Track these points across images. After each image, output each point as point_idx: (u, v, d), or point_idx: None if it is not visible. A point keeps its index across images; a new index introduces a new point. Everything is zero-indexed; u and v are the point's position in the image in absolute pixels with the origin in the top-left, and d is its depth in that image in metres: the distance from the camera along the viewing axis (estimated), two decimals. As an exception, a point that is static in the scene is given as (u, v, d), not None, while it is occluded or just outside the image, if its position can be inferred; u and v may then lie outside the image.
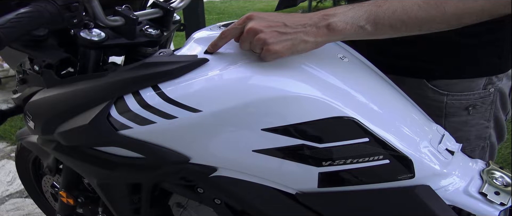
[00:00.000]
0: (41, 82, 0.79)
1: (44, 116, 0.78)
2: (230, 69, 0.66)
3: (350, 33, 0.63)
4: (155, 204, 0.91)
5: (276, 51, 0.63)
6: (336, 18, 0.63)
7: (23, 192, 1.98)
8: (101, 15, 0.71)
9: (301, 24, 0.64)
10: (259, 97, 0.63)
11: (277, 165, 0.66)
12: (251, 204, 0.73)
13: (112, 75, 0.72)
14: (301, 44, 0.64)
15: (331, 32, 0.63)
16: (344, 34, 0.63)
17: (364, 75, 0.74)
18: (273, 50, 0.63)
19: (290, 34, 0.63)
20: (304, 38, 0.63)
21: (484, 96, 0.85)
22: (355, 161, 0.64)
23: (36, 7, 0.63)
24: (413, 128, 0.69)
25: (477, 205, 0.64)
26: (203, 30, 0.78)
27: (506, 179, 0.68)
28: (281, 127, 0.63)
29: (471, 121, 0.87)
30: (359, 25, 0.63)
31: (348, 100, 0.65)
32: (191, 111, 0.65)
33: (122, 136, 0.70)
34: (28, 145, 1.25)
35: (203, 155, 0.70)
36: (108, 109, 0.70)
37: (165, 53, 0.74)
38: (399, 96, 0.75)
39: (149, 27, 0.81)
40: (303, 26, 0.63)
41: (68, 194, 1.11)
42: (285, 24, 0.64)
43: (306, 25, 0.63)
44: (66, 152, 0.81)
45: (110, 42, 0.74)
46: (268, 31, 0.63)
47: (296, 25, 0.64)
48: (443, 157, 0.67)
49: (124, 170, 0.78)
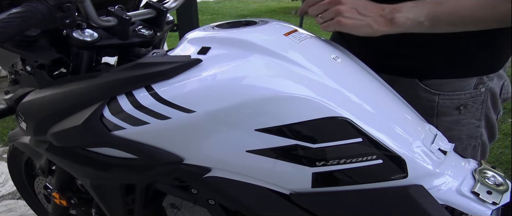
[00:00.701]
0: (34, 83, 0.79)
1: (37, 117, 0.78)
2: (223, 69, 0.66)
3: (409, 27, 0.72)
4: (148, 205, 0.90)
5: (345, 24, 0.72)
6: (400, 13, 0.72)
7: (16, 194, 1.96)
8: (93, 15, 0.71)
9: (374, 12, 0.73)
10: (253, 97, 0.63)
11: (271, 166, 0.66)
12: (245, 205, 0.73)
13: (105, 76, 0.72)
14: (366, 28, 0.72)
15: (393, 25, 0.72)
16: (404, 27, 0.72)
17: (357, 75, 0.74)
18: (343, 22, 0.72)
19: (364, 16, 0.72)
20: (370, 24, 0.72)
21: (475, 96, 0.85)
22: (348, 161, 0.64)
23: (28, 7, 0.63)
24: (406, 128, 0.69)
25: (469, 205, 0.65)
26: (197, 31, 0.78)
27: (498, 178, 0.69)
28: (274, 128, 0.63)
29: (463, 121, 0.87)
30: (418, 21, 0.72)
31: (341, 100, 0.65)
32: (184, 112, 0.65)
33: (115, 136, 0.70)
34: (21, 146, 1.24)
35: (197, 156, 0.70)
36: (101, 109, 0.70)
37: (158, 53, 0.74)
38: (392, 96, 0.75)
39: (142, 28, 0.80)
40: (376, 14, 0.72)
41: (61, 195, 1.10)
42: (365, 7, 0.72)
43: (377, 14, 0.72)
44: (59, 153, 0.80)
45: (103, 42, 0.74)
46: (349, 7, 0.72)
47: (370, 12, 0.72)
48: (436, 157, 0.68)
49: (117, 171, 0.77)
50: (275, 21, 0.80)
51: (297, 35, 0.73)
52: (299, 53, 0.69)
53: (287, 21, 0.84)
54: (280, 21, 0.81)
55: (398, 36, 0.78)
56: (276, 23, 0.79)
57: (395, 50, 0.86)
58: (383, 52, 0.88)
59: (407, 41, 0.83)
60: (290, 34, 0.73)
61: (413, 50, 0.85)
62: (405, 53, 0.86)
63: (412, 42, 0.82)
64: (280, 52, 0.68)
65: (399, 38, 0.82)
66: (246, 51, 0.68)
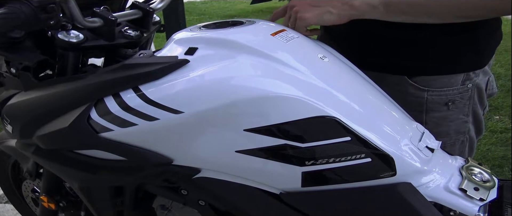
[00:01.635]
0: (19, 85, 0.77)
1: (22, 120, 0.77)
2: (211, 70, 0.66)
3: (365, 11, 0.75)
4: (138, 207, 0.90)
5: (305, 18, 0.77)
6: None
7: (3, 198, 1.94)
8: (78, 16, 0.70)
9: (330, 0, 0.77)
10: (241, 97, 0.63)
11: (260, 165, 0.66)
12: (235, 205, 0.73)
13: (92, 77, 0.71)
14: (327, 14, 0.76)
15: (351, 8, 0.75)
16: (361, 11, 0.75)
17: (345, 74, 0.74)
18: (303, 17, 0.77)
19: (319, 7, 0.77)
20: (330, 10, 0.76)
21: (463, 92, 0.87)
22: (337, 160, 0.64)
23: (11, 8, 0.62)
24: (394, 126, 0.69)
25: (457, 201, 0.65)
26: (184, 31, 0.77)
27: (485, 175, 0.70)
28: (263, 127, 0.63)
29: (451, 116, 0.88)
30: (373, 5, 0.75)
31: (329, 99, 0.65)
32: (172, 113, 0.65)
33: (103, 138, 0.69)
34: (7, 149, 1.22)
35: (186, 157, 0.70)
36: (88, 111, 0.69)
37: (145, 54, 0.73)
38: (379, 95, 0.76)
39: (129, 29, 0.80)
40: (331, 1, 0.77)
41: (49, 199, 1.09)
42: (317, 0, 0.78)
43: (334, 1, 0.76)
44: (46, 156, 0.80)
45: (89, 43, 0.73)
46: (301, 4, 0.79)
47: (326, 1, 0.77)
48: (424, 154, 0.68)
49: (105, 173, 0.77)
50: (262, 21, 0.80)
51: (284, 35, 0.73)
52: (286, 52, 0.69)
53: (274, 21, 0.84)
54: (267, 21, 0.81)
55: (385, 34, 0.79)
56: (263, 23, 0.79)
57: (383, 48, 0.87)
58: (371, 50, 0.89)
59: (394, 39, 0.84)
60: (277, 34, 0.73)
61: (400, 48, 0.85)
62: (392, 51, 0.86)
63: (399, 39, 0.83)
64: (267, 52, 0.68)
65: (386, 36, 0.83)
66: (233, 51, 0.68)
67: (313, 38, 0.83)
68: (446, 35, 0.81)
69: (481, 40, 0.84)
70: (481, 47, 0.85)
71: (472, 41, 0.83)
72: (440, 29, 0.79)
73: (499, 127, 2.45)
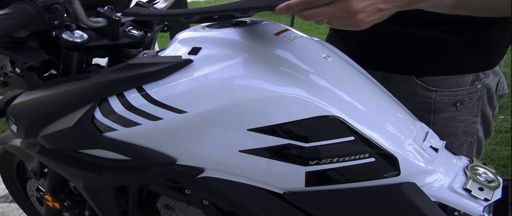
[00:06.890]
0: (23, 85, 0.78)
1: (27, 119, 0.77)
2: (215, 69, 0.66)
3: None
4: (142, 207, 0.90)
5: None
6: None
7: (8, 197, 1.94)
8: (82, 16, 0.70)
9: None
10: (245, 97, 0.63)
11: (264, 165, 0.66)
12: (239, 205, 0.73)
13: (96, 77, 0.71)
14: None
15: None
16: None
17: (349, 74, 0.74)
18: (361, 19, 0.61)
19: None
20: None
21: (472, 92, 0.86)
22: (341, 159, 0.64)
23: (16, 9, 0.62)
24: (398, 126, 0.69)
25: (462, 201, 0.65)
26: (187, 31, 0.77)
27: (489, 175, 0.69)
28: (267, 127, 0.63)
29: (459, 117, 0.88)
30: None
31: (333, 99, 0.65)
32: (176, 112, 0.65)
33: (107, 138, 0.69)
34: (12, 149, 1.22)
35: (190, 156, 0.70)
36: (92, 111, 0.69)
37: (149, 54, 0.74)
38: (383, 95, 0.75)
39: (133, 28, 0.80)
40: None
41: (54, 198, 1.09)
42: None
43: None
44: (51, 156, 0.80)
45: (93, 43, 0.74)
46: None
47: None
48: (428, 154, 0.68)
49: (110, 173, 0.77)
50: (266, 20, 0.80)
51: (288, 35, 0.73)
52: (290, 52, 0.69)
53: (278, 20, 0.83)
54: (270, 21, 0.81)
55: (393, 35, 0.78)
56: (267, 23, 0.79)
57: (391, 48, 0.87)
58: (379, 51, 0.88)
59: (402, 39, 0.83)
60: (280, 34, 0.73)
61: (408, 48, 0.85)
62: (400, 51, 0.86)
63: (407, 39, 0.83)
64: (271, 51, 0.68)
65: (394, 37, 0.82)
66: (237, 51, 0.68)
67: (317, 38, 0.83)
68: (455, 35, 0.80)
69: (491, 40, 0.82)
70: (491, 47, 0.84)
71: (482, 41, 0.82)
72: (449, 29, 0.78)
73: (504, 127, 2.44)
